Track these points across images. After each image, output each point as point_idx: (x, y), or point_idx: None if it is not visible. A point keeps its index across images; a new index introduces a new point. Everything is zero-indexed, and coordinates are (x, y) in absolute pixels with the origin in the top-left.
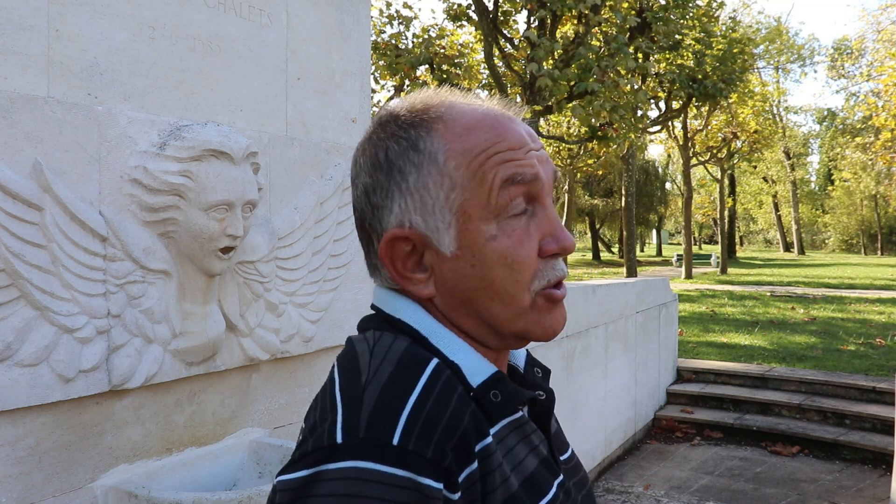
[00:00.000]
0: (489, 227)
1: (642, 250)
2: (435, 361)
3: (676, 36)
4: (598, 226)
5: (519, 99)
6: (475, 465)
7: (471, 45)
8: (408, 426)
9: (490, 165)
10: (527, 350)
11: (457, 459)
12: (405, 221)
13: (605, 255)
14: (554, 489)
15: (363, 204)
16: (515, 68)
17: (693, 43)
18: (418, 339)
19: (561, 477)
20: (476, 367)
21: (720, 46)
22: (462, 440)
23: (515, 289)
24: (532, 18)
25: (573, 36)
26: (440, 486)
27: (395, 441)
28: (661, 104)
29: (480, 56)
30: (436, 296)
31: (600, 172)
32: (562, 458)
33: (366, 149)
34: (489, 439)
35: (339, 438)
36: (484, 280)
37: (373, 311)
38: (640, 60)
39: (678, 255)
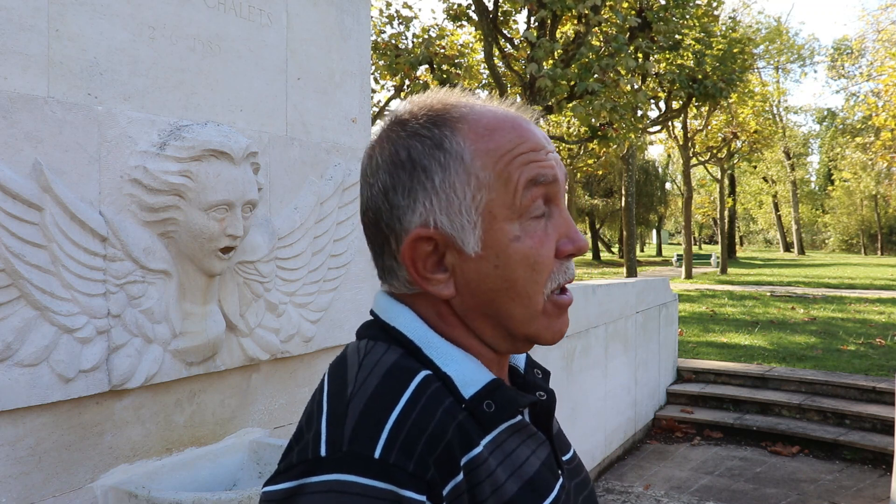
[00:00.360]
0: (513, 227)
1: (642, 250)
2: (423, 374)
3: (676, 36)
4: (598, 226)
5: (519, 99)
6: (461, 477)
7: (471, 45)
8: (390, 439)
9: (515, 166)
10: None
11: (440, 472)
12: (430, 221)
13: (605, 255)
14: (556, 491)
15: (380, 202)
16: (515, 68)
17: (693, 43)
18: (412, 349)
19: (562, 479)
20: (470, 378)
21: (720, 46)
22: (445, 452)
23: (534, 290)
24: (532, 18)
25: (573, 36)
26: (423, 498)
27: (377, 454)
28: (661, 104)
29: (480, 56)
30: (455, 296)
31: (600, 172)
32: (564, 458)
33: (384, 147)
34: (478, 450)
35: (322, 451)
36: (507, 281)
37: (371, 318)
38: (640, 60)
39: (678, 255)
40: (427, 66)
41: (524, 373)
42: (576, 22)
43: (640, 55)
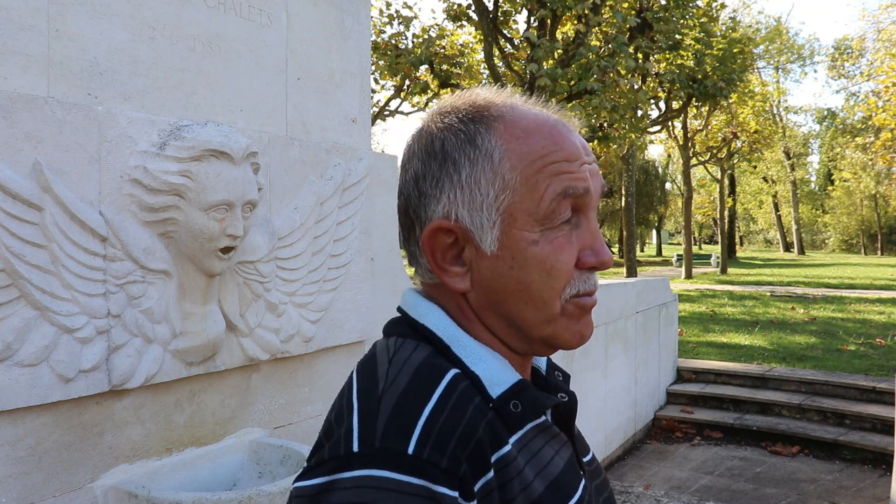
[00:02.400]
0: (532, 232)
1: (642, 250)
2: (453, 372)
3: (676, 36)
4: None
5: None
6: (491, 474)
7: (471, 45)
8: (423, 436)
9: (544, 175)
10: None
11: (472, 469)
12: (451, 213)
13: None
14: (580, 492)
15: (410, 189)
16: (515, 68)
17: (693, 43)
18: (441, 347)
19: (584, 480)
20: (497, 378)
21: (720, 46)
22: (477, 449)
23: (549, 295)
24: (532, 18)
25: (573, 36)
26: (455, 494)
27: (411, 450)
28: (661, 104)
29: (480, 56)
30: (470, 291)
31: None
32: (584, 459)
33: (422, 136)
34: (507, 448)
35: (354, 447)
36: (520, 283)
37: (399, 314)
38: (640, 60)
39: (678, 255)
40: (427, 65)
41: (546, 374)
42: (576, 22)
43: (640, 55)
